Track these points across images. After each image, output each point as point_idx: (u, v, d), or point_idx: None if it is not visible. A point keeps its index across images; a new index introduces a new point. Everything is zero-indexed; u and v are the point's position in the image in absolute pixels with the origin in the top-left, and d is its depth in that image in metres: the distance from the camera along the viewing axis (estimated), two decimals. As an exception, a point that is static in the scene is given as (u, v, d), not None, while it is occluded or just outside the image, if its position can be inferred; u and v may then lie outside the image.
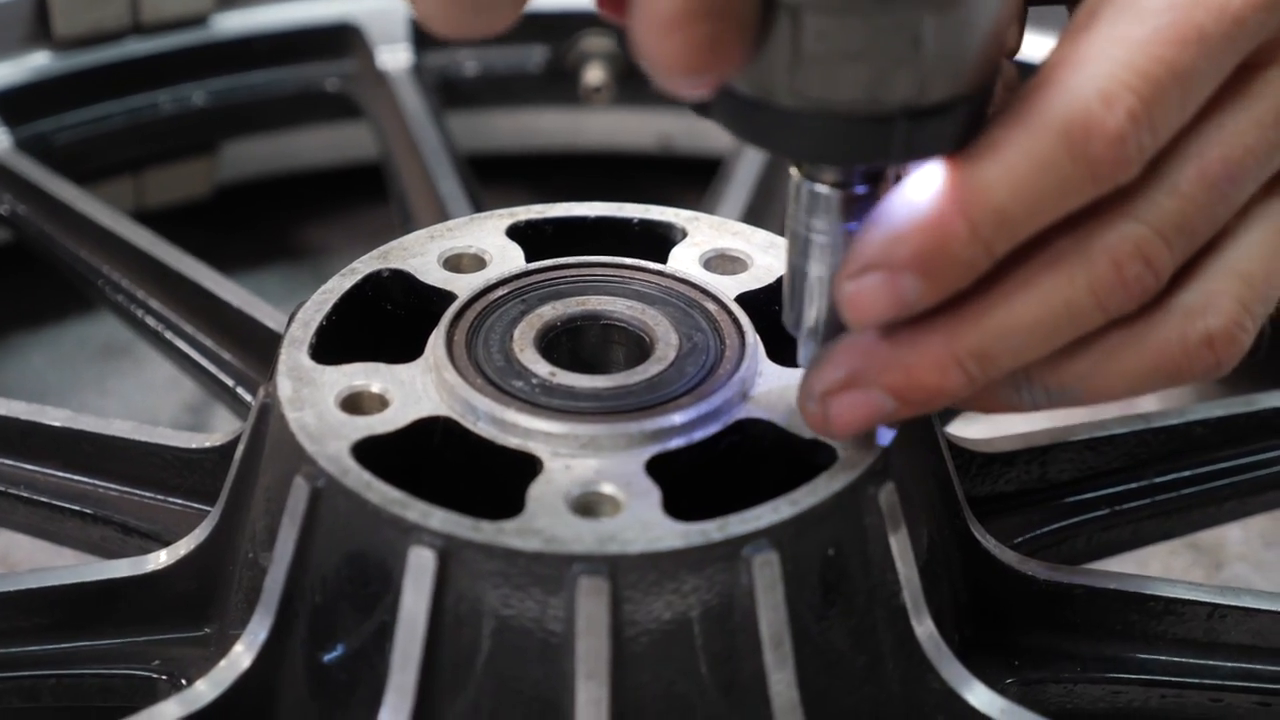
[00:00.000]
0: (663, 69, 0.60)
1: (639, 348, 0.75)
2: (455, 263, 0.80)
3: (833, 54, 0.60)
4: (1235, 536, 1.01)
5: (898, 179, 0.65)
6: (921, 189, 0.63)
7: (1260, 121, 0.66)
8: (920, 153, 0.63)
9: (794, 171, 0.66)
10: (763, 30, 0.60)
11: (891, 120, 0.61)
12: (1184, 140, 0.65)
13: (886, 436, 0.71)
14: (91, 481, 0.84)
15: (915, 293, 0.63)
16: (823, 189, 0.66)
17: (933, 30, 0.59)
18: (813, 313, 0.68)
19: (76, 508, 0.83)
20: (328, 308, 0.77)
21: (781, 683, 0.67)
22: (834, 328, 0.68)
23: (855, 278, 0.64)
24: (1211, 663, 0.77)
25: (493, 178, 1.19)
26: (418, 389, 0.73)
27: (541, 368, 0.73)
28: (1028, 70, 0.71)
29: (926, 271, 0.63)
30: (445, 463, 0.72)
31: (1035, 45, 0.74)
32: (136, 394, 1.12)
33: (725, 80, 0.62)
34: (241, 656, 0.71)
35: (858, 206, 0.65)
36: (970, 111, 0.63)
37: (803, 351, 0.69)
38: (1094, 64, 0.63)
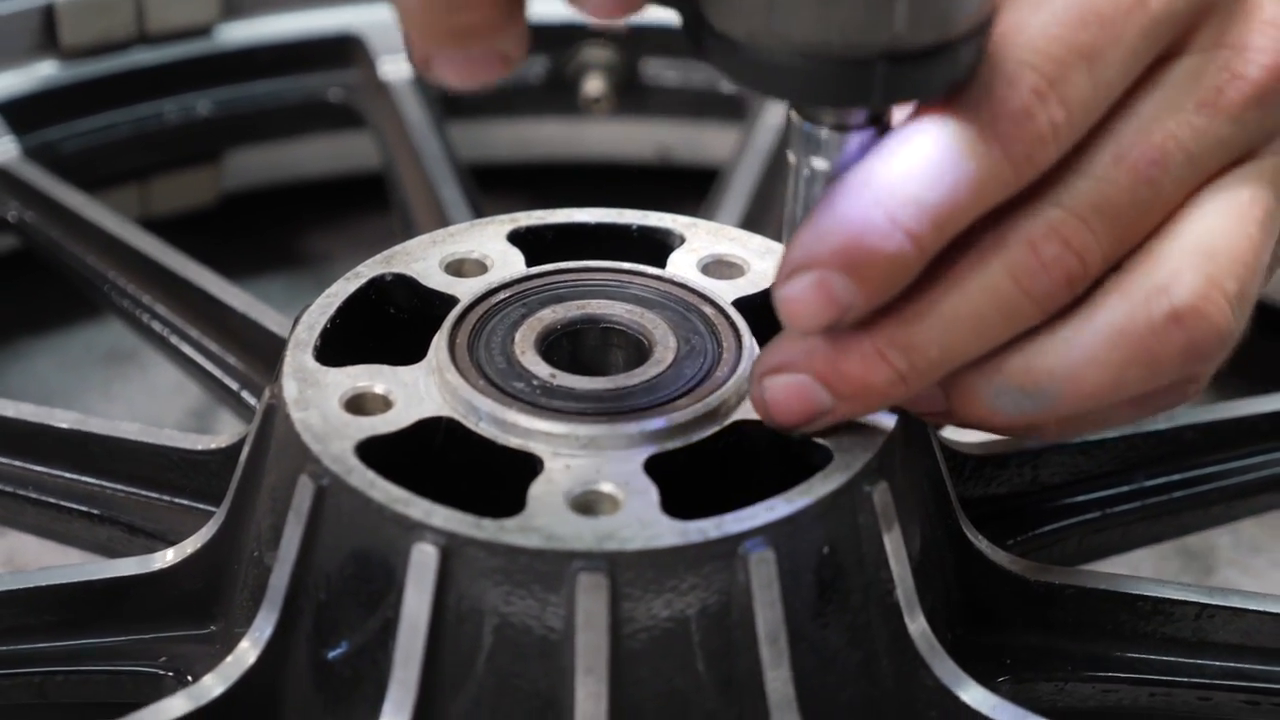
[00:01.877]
0: None
1: (638, 350, 0.76)
2: (457, 267, 0.81)
3: None
4: (1225, 542, 1.01)
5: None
6: (844, 189, 0.64)
7: (1180, 106, 0.67)
8: (903, 97, 0.64)
9: (793, 114, 0.67)
10: None
11: (871, 64, 0.62)
12: (1101, 129, 0.66)
13: (889, 421, 0.72)
14: (99, 483, 0.85)
15: (847, 293, 0.64)
16: (821, 131, 0.66)
17: None
18: None
19: (84, 508, 0.84)
20: (332, 311, 0.78)
21: (777, 679, 0.68)
22: None
23: (785, 281, 0.65)
24: (1200, 662, 0.78)
25: (493, 187, 1.20)
26: (420, 390, 0.74)
27: (542, 370, 0.74)
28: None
29: (854, 269, 0.64)
30: (447, 463, 0.73)
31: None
32: (142, 399, 1.13)
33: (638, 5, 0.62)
34: (247, 653, 0.72)
35: (856, 148, 0.66)
36: (954, 57, 0.63)
37: None
38: (996, 51, 0.64)
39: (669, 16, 0.65)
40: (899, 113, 0.67)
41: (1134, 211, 0.67)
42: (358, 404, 0.73)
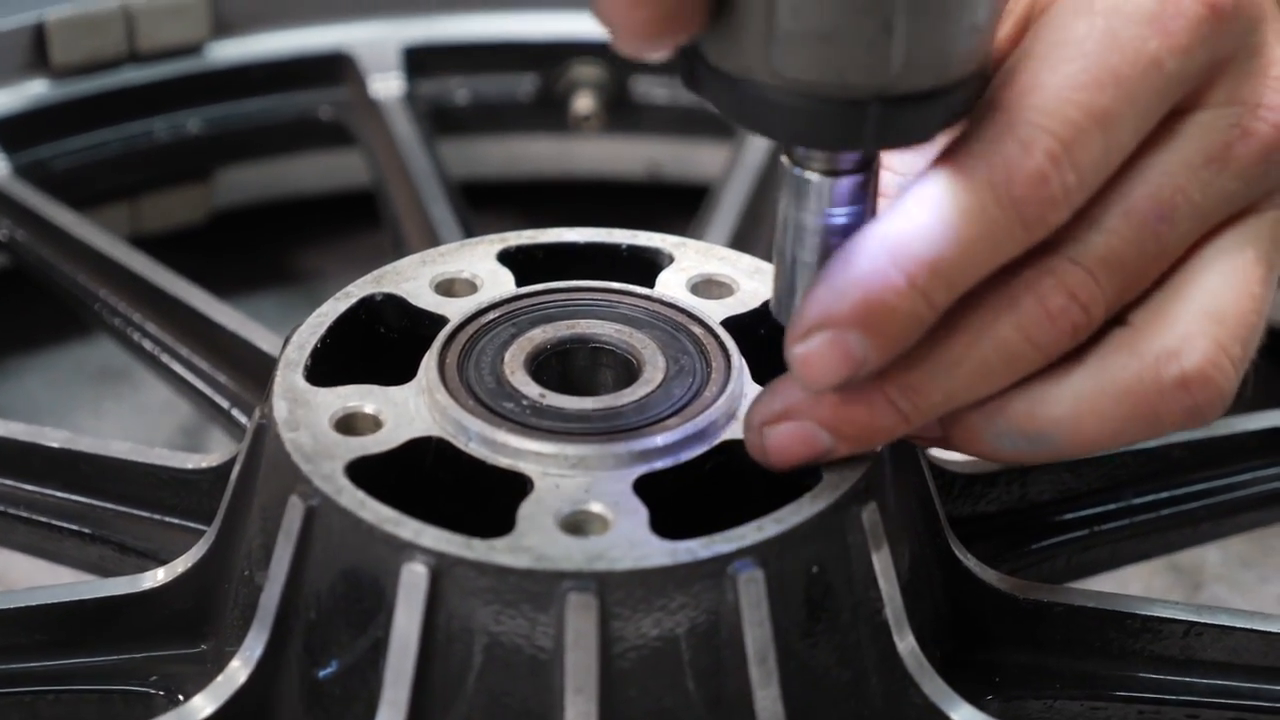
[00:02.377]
0: (624, 35, 0.61)
1: (627, 370, 0.77)
2: (447, 287, 0.81)
3: (806, 33, 0.61)
4: (1214, 558, 1.02)
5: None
6: (859, 247, 0.64)
7: (1189, 162, 0.68)
8: (895, 141, 0.64)
9: (784, 159, 0.67)
10: (741, 5, 0.61)
11: (864, 105, 0.62)
12: (1112, 185, 0.67)
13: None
14: (89, 501, 0.85)
15: (863, 350, 0.65)
16: (811, 176, 0.67)
17: (905, 17, 0.60)
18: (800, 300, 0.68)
19: (75, 527, 0.85)
20: (322, 330, 0.78)
21: (767, 699, 0.68)
22: None
23: (802, 340, 0.65)
24: (1188, 679, 0.78)
25: (483, 205, 1.20)
26: (410, 410, 0.74)
27: (532, 389, 0.74)
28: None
29: (870, 327, 0.64)
30: (437, 482, 0.73)
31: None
32: (132, 417, 1.13)
33: (682, 44, 0.63)
34: (238, 672, 0.72)
35: (846, 194, 0.66)
36: (947, 104, 0.63)
37: None
38: (1011, 113, 0.64)
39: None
40: (894, 160, 0.68)
41: (1139, 263, 0.68)
42: (348, 424, 0.74)
